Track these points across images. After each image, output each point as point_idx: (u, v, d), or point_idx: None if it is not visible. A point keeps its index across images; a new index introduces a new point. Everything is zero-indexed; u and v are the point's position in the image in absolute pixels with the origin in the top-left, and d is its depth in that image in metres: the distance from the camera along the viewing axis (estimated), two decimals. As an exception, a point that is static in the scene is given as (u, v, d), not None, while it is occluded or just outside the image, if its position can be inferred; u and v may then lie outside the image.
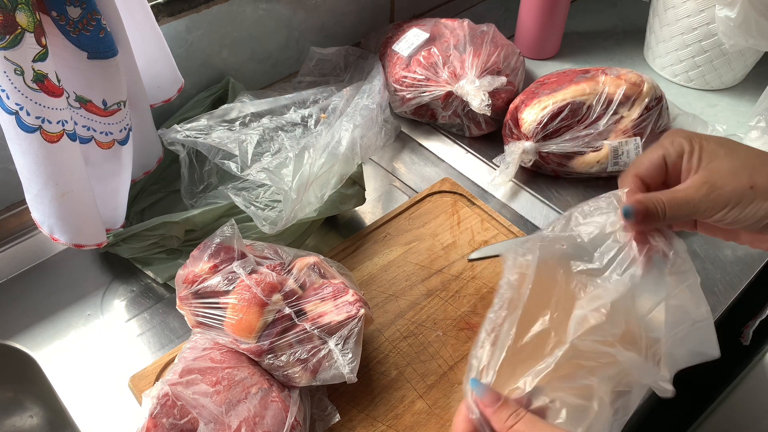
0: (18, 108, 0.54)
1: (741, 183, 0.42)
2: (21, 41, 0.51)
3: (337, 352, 0.55)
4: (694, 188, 0.43)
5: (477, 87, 0.81)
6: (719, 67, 0.94)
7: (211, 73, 0.85)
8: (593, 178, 0.83)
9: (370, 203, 0.81)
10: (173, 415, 0.51)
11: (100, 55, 0.58)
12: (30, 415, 0.72)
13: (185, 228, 0.68)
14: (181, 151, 0.73)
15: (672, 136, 0.46)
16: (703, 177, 0.43)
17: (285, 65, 0.93)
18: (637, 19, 1.12)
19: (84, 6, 0.55)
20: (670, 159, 0.45)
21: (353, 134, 0.73)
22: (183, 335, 0.67)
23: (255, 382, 0.54)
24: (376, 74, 0.86)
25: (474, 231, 0.76)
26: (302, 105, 0.79)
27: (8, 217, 0.74)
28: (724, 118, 0.93)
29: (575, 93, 0.78)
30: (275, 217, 0.67)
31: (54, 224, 0.62)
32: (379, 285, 0.70)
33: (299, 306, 0.57)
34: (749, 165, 0.43)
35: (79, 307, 0.70)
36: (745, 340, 0.92)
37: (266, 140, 0.72)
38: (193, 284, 0.57)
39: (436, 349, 0.64)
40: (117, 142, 0.65)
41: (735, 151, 0.44)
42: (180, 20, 0.77)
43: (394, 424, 0.59)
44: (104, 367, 0.65)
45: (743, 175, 0.42)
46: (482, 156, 0.88)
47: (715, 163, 0.43)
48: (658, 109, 0.80)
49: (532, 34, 1.01)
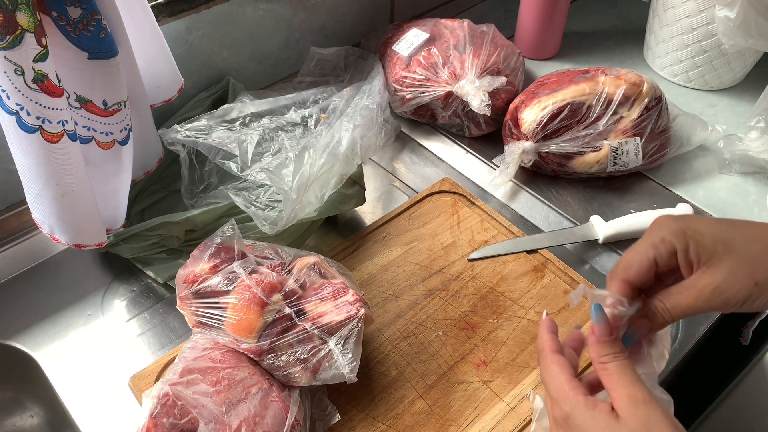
0: (18, 108, 0.54)
1: (744, 284, 0.41)
2: (21, 41, 0.51)
3: (337, 352, 0.55)
4: (696, 293, 0.42)
5: (477, 87, 0.81)
6: (719, 68, 0.94)
7: (211, 73, 0.85)
8: (593, 178, 0.83)
9: (370, 203, 0.82)
10: (173, 415, 0.51)
11: (100, 55, 0.58)
12: (30, 415, 0.72)
13: (185, 228, 0.68)
14: (182, 151, 0.73)
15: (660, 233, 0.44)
16: (704, 280, 0.42)
17: (285, 65, 0.93)
18: (636, 19, 1.12)
19: (84, 6, 0.55)
20: (662, 260, 0.44)
21: (353, 134, 0.73)
22: (183, 335, 0.67)
23: (255, 381, 0.54)
24: (376, 74, 0.86)
25: (474, 231, 0.76)
26: (302, 105, 0.79)
27: (8, 217, 0.74)
28: (724, 118, 0.93)
29: (575, 93, 0.78)
30: (275, 217, 0.67)
31: (54, 224, 0.62)
32: (379, 285, 0.70)
33: (299, 306, 0.57)
34: (749, 259, 0.42)
35: (79, 307, 0.70)
36: (745, 340, 0.92)
37: (266, 140, 0.72)
38: (193, 284, 0.57)
39: (436, 349, 0.64)
40: (117, 142, 0.65)
41: (732, 245, 0.42)
42: (180, 20, 0.77)
43: (394, 424, 0.59)
44: (104, 367, 0.65)
45: (745, 273, 0.41)
46: (482, 156, 0.88)
47: (714, 263, 0.42)
48: (657, 110, 0.80)
49: (532, 34, 1.01)
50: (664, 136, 0.82)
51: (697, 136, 0.85)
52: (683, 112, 0.86)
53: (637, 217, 0.76)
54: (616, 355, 0.42)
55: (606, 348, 0.43)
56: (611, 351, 0.42)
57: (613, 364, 0.42)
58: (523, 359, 0.63)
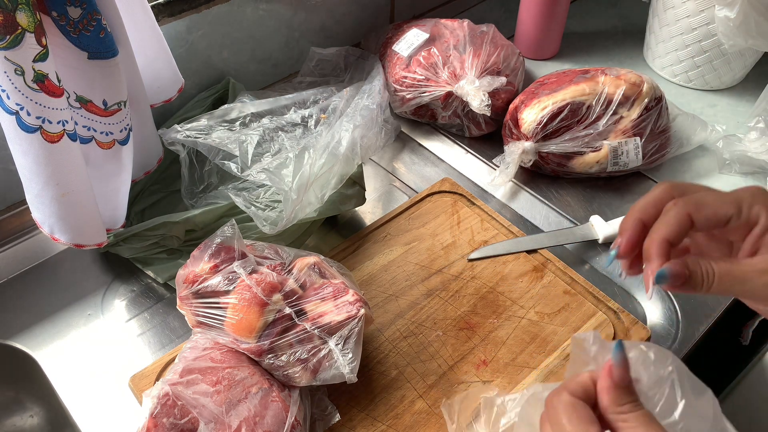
0: (18, 108, 0.54)
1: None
2: (21, 41, 0.51)
3: (338, 352, 0.55)
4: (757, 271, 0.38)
5: (477, 87, 0.81)
6: (719, 68, 0.94)
7: (211, 73, 0.85)
8: (593, 178, 0.83)
9: (370, 203, 0.82)
10: (173, 415, 0.51)
11: (100, 55, 0.58)
12: (30, 415, 0.72)
13: (185, 228, 0.68)
14: (182, 151, 0.73)
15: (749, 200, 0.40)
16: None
17: (285, 65, 0.93)
18: (636, 20, 1.12)
19: (84, 6, 0.55)
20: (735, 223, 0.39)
21: (353, 134, 0.73)
22: (183, 335, 0.67)
23: (255, 381, 0.54)
24: (376, 74, 0.86)
25: (474, 231, 0.76)
26: (302, 105, 0.79)
27: (8, 217, 0.74)
28: (724, 118, 0.93)
29: (575, 93, 0.78)
30: (275, 218, 0.67)
31: (54, 224, 0.62)
32: (379, 285, 0.70)
33: (299, 306, 0.57)
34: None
35: (79, 306, 0.70)
36: (745, 340, 0.92)
37: (266, 140, 0.72)
38: (193, 284, 0.57)
39: (436, 349, 0.64)
40: (117, 142, 0.65)
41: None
42: (180, 20, 0.77)
43: (394, 424, 0.59)
44: (104, 367, 0.65)
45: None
46: (482, 156, 0.88)
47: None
48: (657, 110, 0.80)
49: (532, 34, 1.01)
50: (664, 136, 0.82)
51: (697, 136, 0.85)
52: (683, 112, 0.86)
53: (637, 217, 0.76)
54: (636, 404, 0.37)
55: (625, 396, 0.37)
56: (631, 399, 0.37)
57: (634, 414, 0.36)
58: (523, 359, 0.63)
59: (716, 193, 0.41)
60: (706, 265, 0.39)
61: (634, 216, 0.43)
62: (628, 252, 0.42)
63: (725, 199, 0.40)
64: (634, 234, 0.42)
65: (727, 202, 0.40)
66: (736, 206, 0.40)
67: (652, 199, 0.43)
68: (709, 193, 0.41)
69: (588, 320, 0.67)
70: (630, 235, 0.42)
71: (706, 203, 0.40)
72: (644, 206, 0.43)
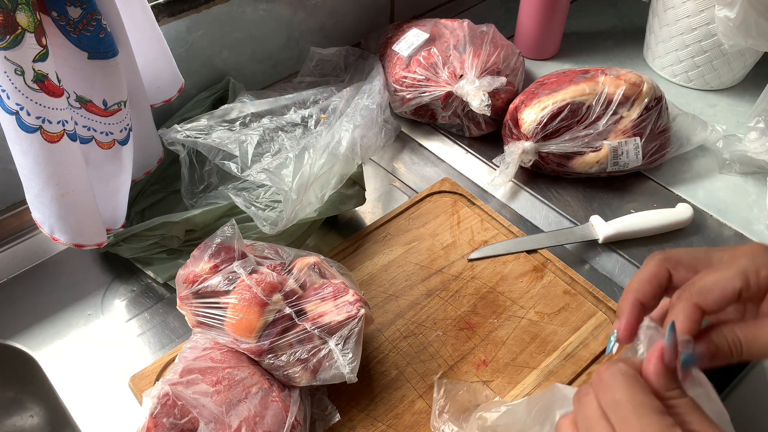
0: (18, 108, 0.54)
1: None
2: (21, 41, 0.51)
3: (338, 352, 0.55)
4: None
5: (477, 87, 0.81)
6: (719, 68, 0.94)
7: (211, 73, 0.85)
8: (593, 178, 0.83)
9: (370, 203, 0.82)
10: (173, 415, 0.51)
11: (100, 55, 0.58)
12: (30, 415, 0.72)
13: (185, 228, 0.68)
14: (182, 151, 0.73)
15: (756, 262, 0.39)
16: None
17: (285, 65, 0.93)
18: (636, 20, 1.12)
19: (84, 6, 0.55)
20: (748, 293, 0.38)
21: (353, 134, 0.73)
22: (183, 335, 0.67)
23: (255, 381, 0.54)
24: (376, 74, 0.86)
25: (474, 231, 0.76)
26: (302, 105, 0.79)
27: (8, 217, 0.74)
28: (724, 118, 0.93)
29: (575, 93, 0.78)
30: (275, 218, 0.67)
31: (54, 224, 0.62)
32: (379, 285, 0.70)
33: (299, 306, 0.57)
34: None
35: (79, 307, 0.70)
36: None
37: (266, 140, 0.72)
38: (193, 284, 0.57)
39: (436, 349, 0.64)
40: (117, 142, 0.65)
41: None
42: (180, 20, 0.77)
43: (394, 424, 0.59)
44: (104, 367, 0.65)
45: None
46: (482, 156, 0.88)
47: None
48: (657, 110, 0.80)
49: (532, 34, 1.01)
50: (664, 136, 0.82)
51: (697, 136, 0.85)
52: (683, 112, 0.86)
53: (637, 217, 0.76)
54: (682, 390, 0.35)
55: (673, 381, 0.35)
56: (677, 385, 0.35)
57: (683, 401, 0.35)
58: (523, 359, 0.63)
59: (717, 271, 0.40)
60: (731, 333, 0.38)
61: (630, 297, 0.41)
62: (629, 337, 0.41)
63: (728, 274, 0.39)
64: (633, 317, 0.41)
65: (731, 277, 0.38)
66: (743, 278, 0.38)
67: (646, 276, 0.42)
68: (710, 274, 0.39)
69: (588, 320, 0.67)
70: (629, 319, 0.41)
71: (710, 288, 0.39)
72: (640, 285, 0.42)
